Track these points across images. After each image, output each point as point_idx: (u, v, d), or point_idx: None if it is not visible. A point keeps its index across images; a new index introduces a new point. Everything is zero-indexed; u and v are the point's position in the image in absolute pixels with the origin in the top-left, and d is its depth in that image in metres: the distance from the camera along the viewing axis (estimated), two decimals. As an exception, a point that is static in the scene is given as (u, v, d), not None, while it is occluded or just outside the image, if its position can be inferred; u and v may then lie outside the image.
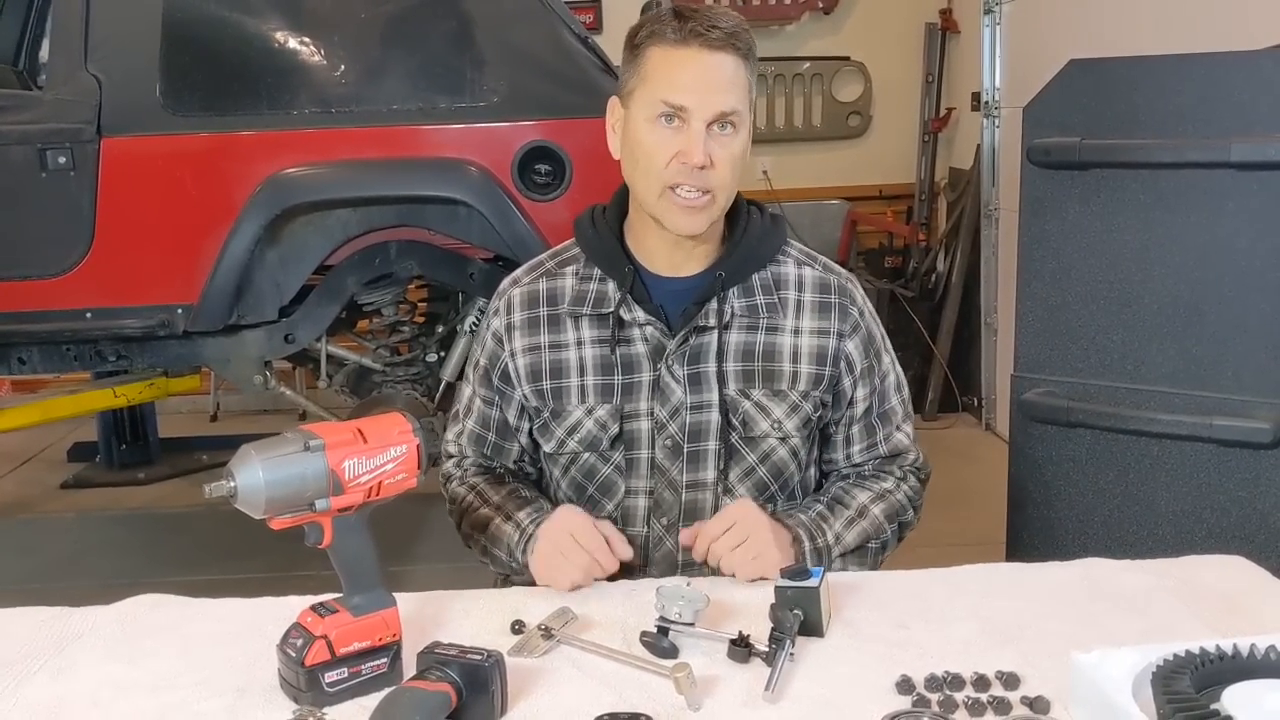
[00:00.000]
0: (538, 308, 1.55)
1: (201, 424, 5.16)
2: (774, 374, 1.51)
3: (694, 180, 1.41)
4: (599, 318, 1.52)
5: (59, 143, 2.99)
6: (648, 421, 1.51)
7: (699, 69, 1.41)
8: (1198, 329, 2.05)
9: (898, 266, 5.19)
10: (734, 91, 1.42)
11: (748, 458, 1.52)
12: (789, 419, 1.52)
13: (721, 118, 1.41)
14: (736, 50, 1.42)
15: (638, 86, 1.45)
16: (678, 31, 1.41)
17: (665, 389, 1.50)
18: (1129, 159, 2.09)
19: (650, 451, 1.52)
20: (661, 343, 1.50)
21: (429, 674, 1.08)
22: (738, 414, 1.50)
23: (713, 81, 1.41)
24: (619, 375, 1.51)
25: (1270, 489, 2.00)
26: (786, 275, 1.54)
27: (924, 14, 5.20)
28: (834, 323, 1.53)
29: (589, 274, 1.54)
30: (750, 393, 1.51)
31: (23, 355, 3.22)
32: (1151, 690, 0.99)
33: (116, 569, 3.50)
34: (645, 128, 1.43)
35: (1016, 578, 1.42)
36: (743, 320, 1.51)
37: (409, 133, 3.08)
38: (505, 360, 1.56)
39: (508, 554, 1.48)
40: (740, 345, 1.51)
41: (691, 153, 1.40)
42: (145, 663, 1.24)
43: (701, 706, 1.11)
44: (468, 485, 1.59)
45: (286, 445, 1.10)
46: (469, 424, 1.62)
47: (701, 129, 1.40)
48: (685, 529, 1.48)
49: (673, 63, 1.42)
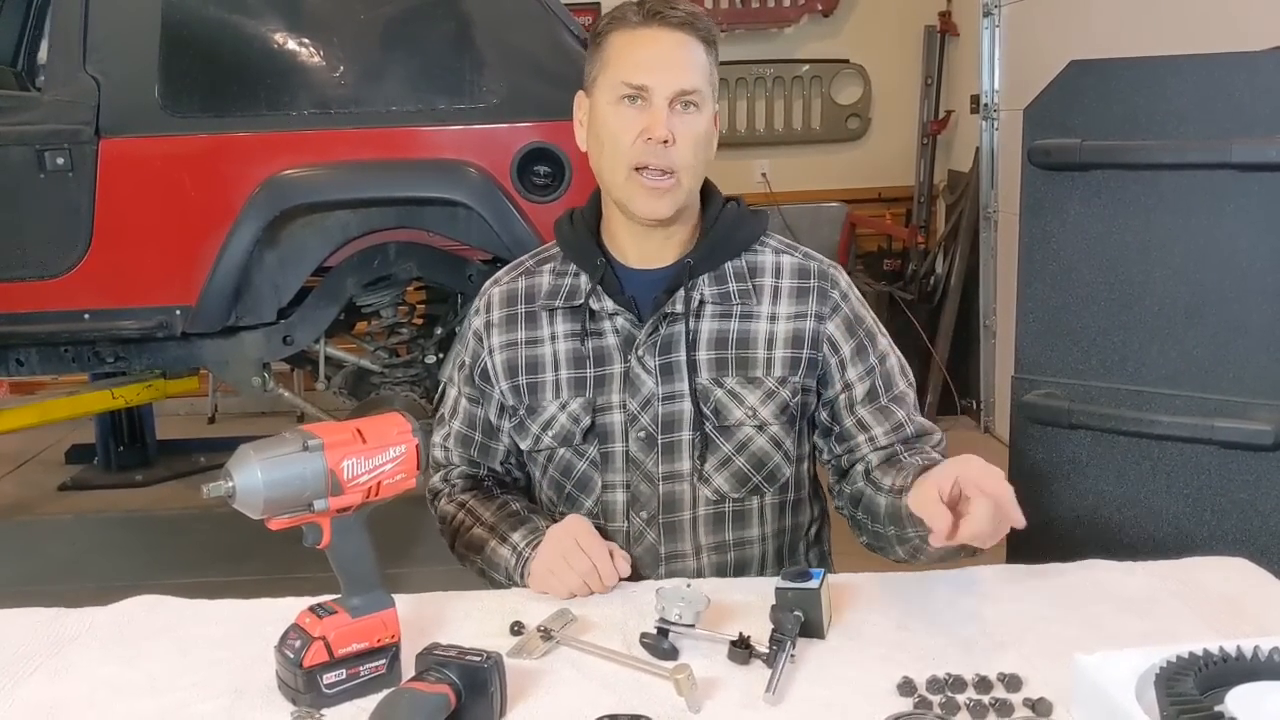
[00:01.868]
0: (516, 305, 1.56)
1: (199, 426, 5.15)
2: (748, 361, 1.50)
3: (658, 159, 1.42)
4: (572, 311, 1.52)
5: (57, 144, 3.00)
6: (620, 414, 1.50)
7: (659, 48, 1.43)
8: (1199, 330, 2.05)
9: (896, 269, 5.19)
10: (694, 70, 1.44)
11: (723, 447, 1.50)
12: (764, 406, 1.49)
13: (682, 95, 1.42)
14: (696, 31, 1.44)
15: (600, 73, 1.47)
16: (638, 13, 1.44)
17: (636, 380, 1.49)
18: (1129, 160, 2.09)
19: (624, 445, 1.51)
20: (632, 333, 1.49)
21: (428, 675, 1.07)
22: (709, 403, 1.49)
23: (673, 60, 1.43)
24: (591, 368, 1.51)
25: (1271, 491, 1.99)
26: (763, 263, 1.53)
27: (923, 16, 5.20)
28: (812, 305, 1.51)
29: (564, 269, 1.55)
30: (723, 381, 1.49)
31: (20, 357, 3.22)
32: (1155, 692, 0.99)
33: (114, 570, 3.49)
34: (609, 110, 1.45)
35: (1018, 579, 1.41)
36: (715, 307, 1.50)
37: (408, 134, 3.08)
38: (484, 358, 1.56)
39: (506, 577, 1.48)
40: (713, 333, 1.50)
41: (654, 127, 1.41)
42: (143, 664, 1.23)
43: (702, 708, 1.10)
44: (456, 503, 1.58)
45: (285, 445, 1.09)
46: (455, 425, 1.62)
47: (664, 105, 1.42)
48: (935, 522, 1.21)
49: (634, 44, 1.44)
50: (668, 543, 1.51)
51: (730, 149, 4.85)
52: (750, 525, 1.54)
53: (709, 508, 1.51)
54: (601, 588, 1.39)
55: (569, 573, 1.39)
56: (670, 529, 1.51)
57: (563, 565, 1.39)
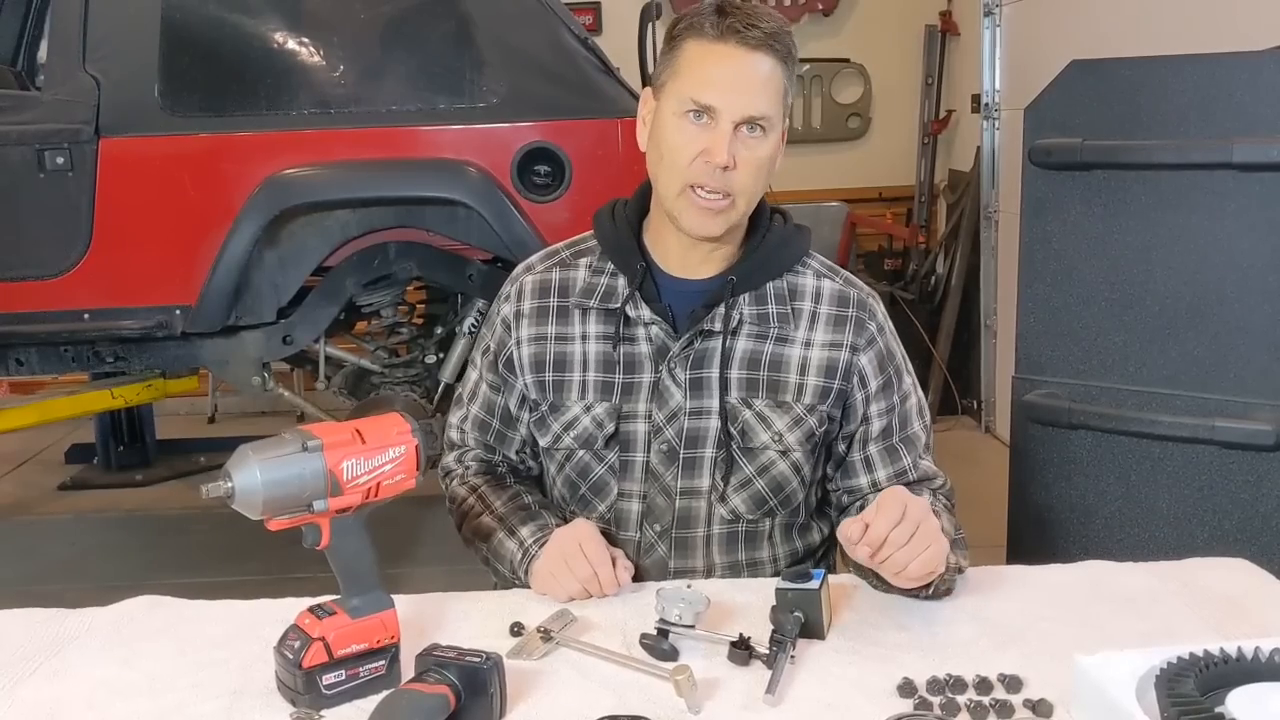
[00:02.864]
0: (548, 297, 1.53)
1: (199, 426, 5.15)
2: (779, 385, 1.47)
3: (715, 181, 1.38)
4: (606, 313, 1.49)
5: (57, 143, 2.99)
6: (644, 424, 1.48)
7: (732, 68, 1.37)
8: (1199, 330, 2.05)
9: (897, 269, 5.19)
10: (766, 95, 1.38)
11: (745, 469, 1.49)
12: (791, 432, 1.47)
13: (750, 121, 1.38)
14: (774, 52, 1.38)
15: (670, 79, 1.41)
16: (716, 27, 1.37)
17: (664, 392, 1.47)
18: (1130, 160, 2.09)
19: (645, 455, 1.49)
20: (665, 344, 1.47)
21: (427, 676, 1.07)
22: (737, 423, 1.47)
23: (745, 83, 1.37)
24: (620, 374, 1.49)
25: (1272, 491, 2.00)
26: (804, 286, 1.50)
27: (924, 16, 5.20)
28: (848, 335, 1.49)
29: (601, 267, 1.52)
30: (752, 402, 1.47)
31: (20, 356, 3.21)
32: (1155, 693, 0.99)
33: (114, 571, 3.49)
34: (673, 122, 1.40)
35: (1018, 580, 1.41)
36: (752, 328, 1.47)
37: (408, 134, 3.07)
38: (510, 348, 1.54)
39: (510, 570, 1.47)
40: (747, 353, 1.48)
41: (716, 151, 1.36)
42: (142, 664, 1.23)
43: (702, 709, 1.10)
44: (469, 486, 1.56)
45: (284, 446, 1.09)
46: (474, 409, 1.60)
47: (729, 129, 1.37)
48: (849, 521, 1.26)
49: (707, 59, 1.38)
50: (678, 558, 1.50)
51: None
52: (761, 546, 1.53)
53: (724, 527, 1.50)
54: (601, 594, 1.38)
55: (569, 577, 1.38)
56: (682, 544, 1.50)
57: (564, 569, 1.38)
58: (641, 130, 1.48)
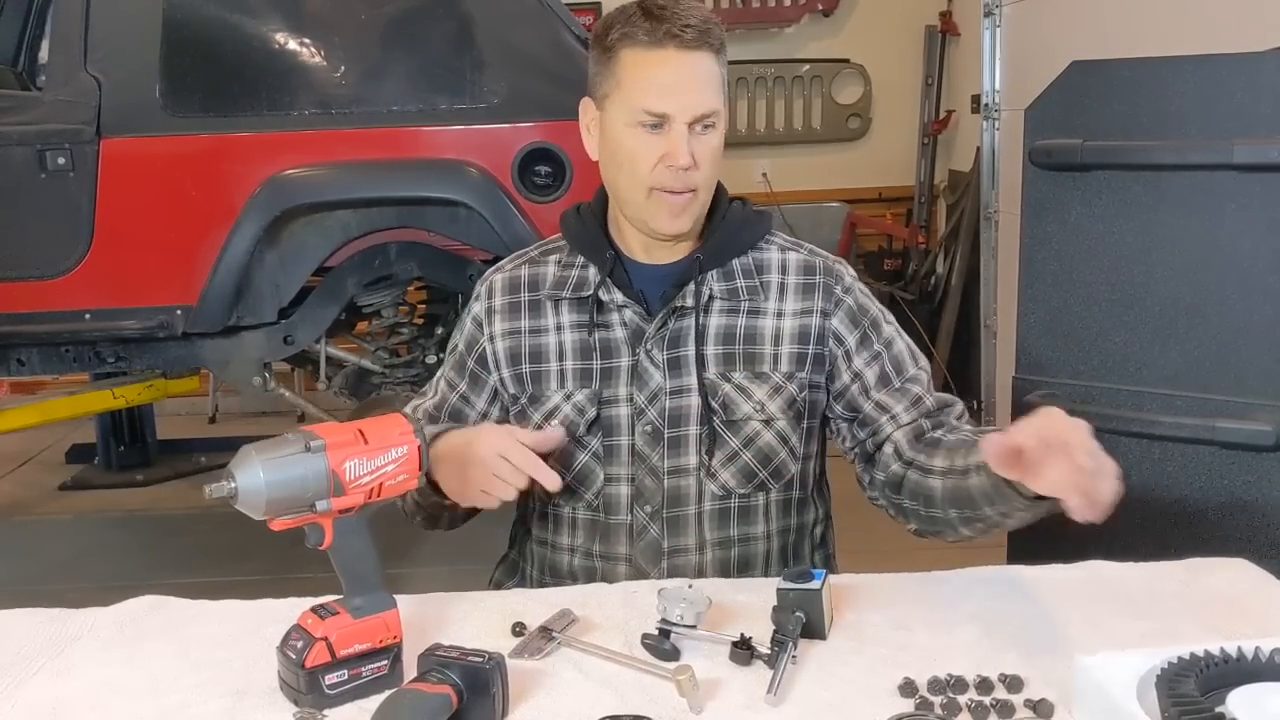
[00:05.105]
0: (519, 293, 1.56)
1: (200, 426, 5.16)
2: (755, 356, 1.50)
3: (679, 182, 1.43)
4: (578, 302, 1.52)
5: (58, 144, 3.00)
6: (626, 407, 1.50)
7: (675, 72, 1.41)
8: (1200, 331, 2.05)
9: (897, 269, 5.20)
10: (711, 90, 1.43)
11: (730, 442, 1.50)
12: (771, 400, 1.50)
13: (702, 119, 1.42)
14: (710, 46, 1.42)
15: (614, 90, 1.45)
16: (650, 34, 1.40)
17: (644, 374, 1.49)
18: (1131, 160, 2.08)
19: (630, 438, 1.50)
20: (640, 327, 1.50)
21: (430, 676, 1.07)
22: (718, 397, 1.49)
23: (690, 84, 1.41)
24: (597, 360, 1.51)
25: (1273, 491, 1.99)
26: (769, 260, 1.54)
27: (924, 16, 5.21)
28: (818, 301, 1.52)
29: (571, 261, 1.55)
30: (731, 375, 1.50)
31: (21, 356, 3.22)
32: (1156, 693, 0.99)
33: (115, 571, 3.50)
34: (626, 133, 1.44)
35: (1018, 580, 1.41)
36: (723, 303, 1.51)
37: (409, 134, 3.08)
38: (483, 344, 1.56)
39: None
40: (721, 328, 1.51)
41: (676, 155, 1.41)
42: (144, 664, 1.23)
43: (703, 709, 1.10)
44: None
45: (287, 446, 1.09)
46: (427, 403, 1.61)
47: (684, 131, 1.41)
48: (993, 437, 1.18)
49: (650, 66, 1.41)
50: (671, 537, 1.51)
51: (731, 149, 4.81)
52: (755, 522, 1.53)
53: (715, 503, 1.51)
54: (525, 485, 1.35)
55: (491, 480, 1.35)
56: (674, 524, 1.51)
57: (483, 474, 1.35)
58: (588, 139, 1.53)
